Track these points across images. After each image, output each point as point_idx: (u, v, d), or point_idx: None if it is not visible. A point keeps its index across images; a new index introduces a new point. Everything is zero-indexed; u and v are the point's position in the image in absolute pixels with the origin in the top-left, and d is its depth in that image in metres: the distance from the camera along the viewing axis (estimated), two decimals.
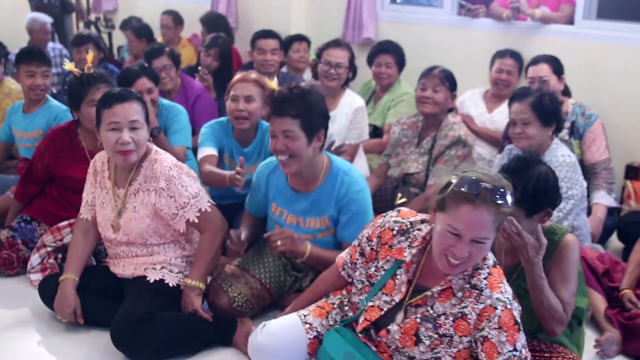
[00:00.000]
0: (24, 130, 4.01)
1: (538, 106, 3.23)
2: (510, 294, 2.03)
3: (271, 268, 3.04)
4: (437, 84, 3.69)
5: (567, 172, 3.23)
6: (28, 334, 2.96)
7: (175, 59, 4.49)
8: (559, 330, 2.39)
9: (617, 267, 3.15)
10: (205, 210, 2.85)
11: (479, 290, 2.02)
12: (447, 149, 3.65)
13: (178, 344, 2.76)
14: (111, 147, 2.77)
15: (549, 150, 3.31)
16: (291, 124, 2.73)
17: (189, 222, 2.85)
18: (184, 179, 2.83)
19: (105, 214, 2.94)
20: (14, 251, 3.42)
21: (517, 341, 1.97)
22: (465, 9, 5.13)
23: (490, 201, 1.95)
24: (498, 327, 1.96)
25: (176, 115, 3.95)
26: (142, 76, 3.82)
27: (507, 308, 1.98)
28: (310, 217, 2.93)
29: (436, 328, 2.06)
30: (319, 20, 5.95)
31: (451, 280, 2.07)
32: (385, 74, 4.61)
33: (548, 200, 2.44)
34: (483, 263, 2.07)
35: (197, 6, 6.70)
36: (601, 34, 4.43)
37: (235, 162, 3.58)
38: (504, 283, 2.04)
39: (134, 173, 2.86)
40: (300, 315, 2.36)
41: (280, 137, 2.75)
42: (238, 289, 2.94)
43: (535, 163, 2.49)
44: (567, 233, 2.48)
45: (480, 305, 2.00)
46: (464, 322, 2.01)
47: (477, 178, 1.99)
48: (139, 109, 2.81)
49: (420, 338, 2.08)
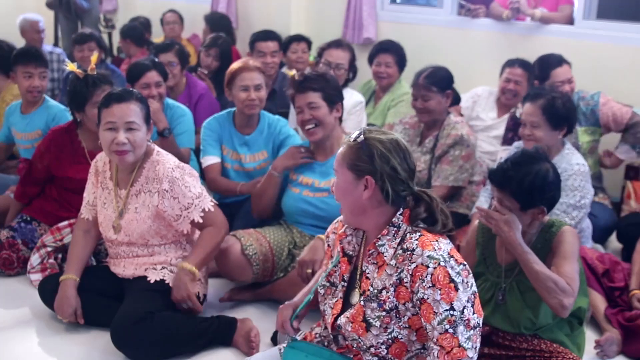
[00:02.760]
0: (23, 131, 4.00)
1: (549, 109, 3.19)
2: (446, 252, 1.89)
3: (279, 238, 3.21)
4: (424, 94, 3.67)
5: (581, 182, 3.19)
6: (28, 334, 2.96)
7: (183, 57, 4.50)
8: (567, 302, 2.33)
9: (617, 267, 3.15)
10: (209, 210, 2.87)
11: (411, 250, 1.91)
12: (450, 148, 3.65)
13: (178, 344, 2.76)
14: (107, 146, 2.78)
15: (560, 155, 3.27)
16: (314, 97, 3.12)
17: (194, 223, 2.86)
18: (186, 179, 2.83)
19: (106, 214, 2.94)
20: (14, 251, 3.42)
21: (455, 300, 1.84)
22: (465, 9, 5.13)
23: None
24: (431, 285, 1.85)
25: (181, 116, 3.96)
26: (151, 69, 3.86)
27: (441, 265, 1.86)
28: (325, 179, 3.19)
29: (381, 305, 1.95)
30: (319, 20, 5.95)
31: (380, 249, 1.99)
32: (384, 73, 4.61)
33: (542, 198, 2.43)
34: (415, 228, 1.97)
35: (197, 6, 6.70)
36: (601, 34, 4.43)
37: (236, 152, 3.65)
38: (439, 241, 1.92)
39: (135, 174, 2.86)
40: (280, 349, 2.27)
41: (306, 110, 3.13)
42: (250, 240, 3.13)
43: (540, 160, 2.47)
44: (564, 225, 2.51)
45: (413, 265, 1.89)
46: (403, 287, 1.92)
47: None
48: (137, 110, 2.80)
49: (369, 322, 1.97)
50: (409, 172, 2.00)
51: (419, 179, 3.73)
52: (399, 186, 1.98)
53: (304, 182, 3.23)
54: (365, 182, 1.98)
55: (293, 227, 3.27)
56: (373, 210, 2.01)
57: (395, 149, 1.98)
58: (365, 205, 2.00)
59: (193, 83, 4.62)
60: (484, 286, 2.57)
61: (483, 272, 2.60)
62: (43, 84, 3.96)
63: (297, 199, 3.23)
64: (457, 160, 3.65)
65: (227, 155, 3.67)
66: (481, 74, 4.74)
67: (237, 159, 3.65)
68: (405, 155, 2.00)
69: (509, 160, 2.49)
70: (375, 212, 2.01)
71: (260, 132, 3.65)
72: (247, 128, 3.65)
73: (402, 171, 1.98)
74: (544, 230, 2.51)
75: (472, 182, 3.76)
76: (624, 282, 3.09)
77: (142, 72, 3.84)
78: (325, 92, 3.13)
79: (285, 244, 3.21)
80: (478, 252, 2.62)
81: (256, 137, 3.65)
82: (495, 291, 2.54)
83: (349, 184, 2.01)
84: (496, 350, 2.53)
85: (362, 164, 1.98)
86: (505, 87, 4.36)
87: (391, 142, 1.99)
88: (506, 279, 2.52)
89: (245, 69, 3.56)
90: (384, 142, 1.98)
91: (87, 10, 6.89)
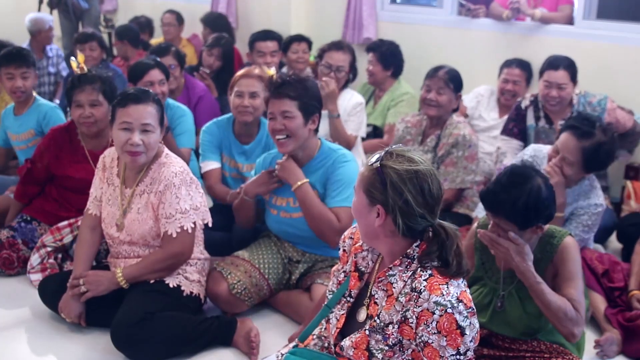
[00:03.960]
0: (16, 132, 3.99)
1: (591, 155, 2.95)
2: (455, 297, 1.81)
3: (270, 260, 3.09)
4: (441, 87, 3.67)
5: (595, 220, 3.09)
6: (28, 334, 2.96)
7: (181, 59, 4.51)
8: (577, 330, 2.33)
9: (617, 267, 3.15)
10: (186, 230, 2.81)
11: (418, 292, 1.84)
12: (452, 148, 3.65)
13: (178, 344, 2.76)
14: (121, 146, 2.77)
15: (579, 185, 3.09)
16: (289, 105, 2.89)
17: (165, 234, 2.81)
18: (182, 191, 2.80)
19: (110, 211, 2.94)
20: (14, 251, 3.42)
21: (461, 345, 1.80)
22: (465, 9, 5.13)
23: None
24: (437, 331, 1.80)
25: (181, 117, 3.96)
26: (154, 68, 3.87)
27: (448, 312, 1.79)
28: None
29: (385, 339, 1.91)
30: (319, 20, 5.95)
31: (390, 280, 1.94)
32: (369, 72, 4.64)
33: (538, 217, 2.35)
34: (426, 264, 1.89)
35: (197, 6, 6.70)
36: (601, 34, 4.43)
37: (234, 161, 3.59)
38: (448, 285, 1.83)
39: (142, 174, 2.86)
40: (278, 355, 2.24)
41: (279, 118, 2.90)
42: (237, 276, 2.99)
43: (529, 177, 2.35)
44: (566, 235, 2.46)
45: (419, 309, 1.83)
46: (407, 326, 1.87)
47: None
48: (153, 112, 2.79)
49: (372, 352, 1.92)
50: (427, 205, 1.86)
51: None
52: (412, 220, 1.86)
53: (278, 202, 3.08)
54: (377, 210, 1.89)
55: (284, 242, 3.15)
56: (386, 238, 1.92)
57: (411, 180, 1.84)
58: (378, 232, 1.92)
59: (192, 84, 4.61)
60: (482, 291, 2.56)
61: (481, 277, 2.58)
62: (26, 84, 3.91)
63: (277, 221, 3.10)
64: (461, 161, 3.65)
65: (225, 163, 3.63)
66: (481, 74, 4.74)
67: (235, 167, 3.61)
68: (424, 186, 1.85)
69: (498, 182, 2.38)
70: (388, 240, 1.93)
71: (258, 143, 3.58)
72: (246, 137, 3.59)
73: (416, 205, 1.84)
74: (544, 241, 2.45)
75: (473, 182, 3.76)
76: (624, 282, 3.09)
77: (145, 71, 3.85)
78: (303, 101, 2.89)
79: (279, 263, 3.10)
80: (476, 256, 2.60)
81: (254, 147, 3.58)
82: (494, 297, 2.52)
83: (363, 207, 1.93)
84: (496, 351, 2.52)
85: (375, 192, 1.88)
86: (503, 88, 4.36)
87: (408, 173, 1.85)
88: (505, 286, 2.50)
89: (246, 76, 3.50)
90: (400, 173, 1.84)
91: (85, 10, 6.88)
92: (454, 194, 3.67)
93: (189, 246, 2.85)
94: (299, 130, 2.90)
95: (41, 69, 5.69)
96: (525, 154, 3.36)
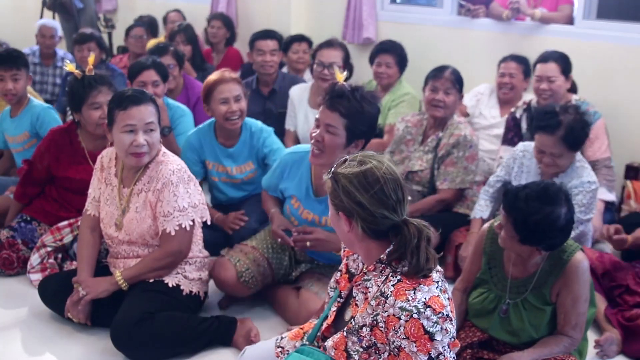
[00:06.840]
0: (13, 134, 3.99)
1: (570, 138, 3.04)
2: (422, 302, 1.78)
3: (277, 250, 3.10)
4: (448, 87, 3.66)
5: (590, 199, 3.13)
6: (28, 334, 2.96)
7: (180, 59, 4.52)
8: (573, 348, 2.46)
9: (617, 267, 3.15)
10: (184, 228, 2.81)
11: (385, 297, 1.83)
12: (452, 148, 3.65)
13: (178, 344, 2.76)
14: (125, 148, 2.77)
15: (571, 168, 3.17)
16: (337, 121, 2.70)
17: (164, 232, 2.81)
18: (180, 188, 2.80)
19: (109, 211, 2.94)
20: (14, 251, 3.42)
21: (432, 349, 1.79)
22: (465, 9, 5.12)
23: None
24: (405, 337, 1.79)
25: (181, 117, 3.96)
26: (150, 68, 3.88)
27: (413, 317, 1.77)
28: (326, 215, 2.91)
29: (360, 341, 1.91)
30: (319, 20, 5.95)
31: (366, 284, 1.93)
32: (385, 73, 4.61)
33: (542, 240, 2.33)
34: (397, 270, 1.87)
35: (198, 6, 6.70)
36: (601, 34, 4.42)
37: (222, 165, 3.58)
38: (415, 290, 1.81)
39: (140, 173, 2.86)
40: (277, 339, 2.27)
41: (322, 128, 2.73)
42: (246, 264, 3.01)
43: (556, 203, 2.30)
44: (577, 251, 2.43)
45: (385, 314, 1.82)
46: (378, 330, 1.86)
47: None
48: (153, 111, 2.81)
49: (349, 353, 1.93)
50: (384, 204, 1.84)
51: (420, 178, 3.73)
52: (373, 222, 1.85)
53: (304, 215, 2.99)
54: (342, 217, 1.90)
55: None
56: (360, 243, 1.92)
57: (360, 182, 1.84)
58: (351, 238, 1.93)
59: (191, 84, 4.63)
60: (486, 295, 2.56)
61: (487, 281, 2.58)
62: (17, 86, 3.89)
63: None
64: (461, 161, 3.64)
65: (212, 169, 3.61)
66: (481, 74, 4.73)
67: (224, 171, 3.60)
68: (375, 186, 1.83)
69: (527, 188, 2.35)
70: (362, 245, 1.93)
71: (243, 144, 3.56)
72: (229, 140, 3.56)
73: (371, 206, 1.83)
74: (555, 255, 2.42)
75: (472, 183, 3.76)
76: (624, 282, 3.09)
77: (140, 71, 3.87)
78: (352, 121, 2.68)
79: (285, 255, 3.11)
80: (484, 260, 2.59)
81: (240, 148, 3.56)
82: (499, 304, 2.52)
83: (333, 216, 1.96)
84: (496, 354, 2.53)
85: (335, 200, 1.90)
86: (501, 82, 4.37)
87: (356, 175, 1.84)
88: (511, 295, 2.49)
89: (222, 81, 3.43)
90: (348, 177, 1.85)
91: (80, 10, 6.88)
92: (454, 194, 3.67)
93: (187, 244, 2.86)
94: (336, 149, 2.70)
95: (47, 76, 5.70)
96: (516, 150, 3.42)
